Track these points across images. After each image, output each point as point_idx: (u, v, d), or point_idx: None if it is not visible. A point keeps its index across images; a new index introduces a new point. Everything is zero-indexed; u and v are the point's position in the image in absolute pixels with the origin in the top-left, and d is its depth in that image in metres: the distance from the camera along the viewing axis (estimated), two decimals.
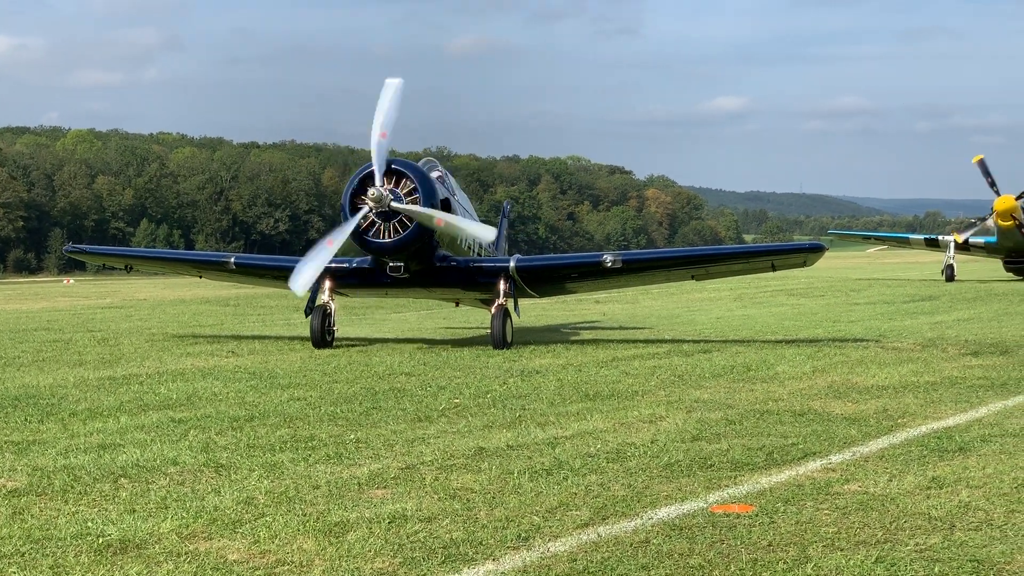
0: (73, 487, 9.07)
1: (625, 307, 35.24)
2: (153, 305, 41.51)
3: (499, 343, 20.99)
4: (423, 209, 20.13)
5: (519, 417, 12.56)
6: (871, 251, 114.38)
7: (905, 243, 60.22)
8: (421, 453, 10.45)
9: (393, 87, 20.49)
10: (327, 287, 21.89)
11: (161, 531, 7.72)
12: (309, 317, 21.91)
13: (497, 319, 21.26)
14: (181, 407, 13.60)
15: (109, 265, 30.17)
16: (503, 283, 21.90)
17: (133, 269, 28.51)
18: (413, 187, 20.44)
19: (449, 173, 23.43)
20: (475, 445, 10.82)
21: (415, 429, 11.84)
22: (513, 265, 22.28)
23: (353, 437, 11.32)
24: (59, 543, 7.46)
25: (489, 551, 7.28)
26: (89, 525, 7.86)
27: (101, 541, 7.48)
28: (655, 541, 7.46)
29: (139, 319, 32.85)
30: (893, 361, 17.87)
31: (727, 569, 6.89)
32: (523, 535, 7.61)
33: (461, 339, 24.20)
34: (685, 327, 26.37)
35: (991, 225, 50.76)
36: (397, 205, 20.06)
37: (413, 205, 20.14)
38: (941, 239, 54.37)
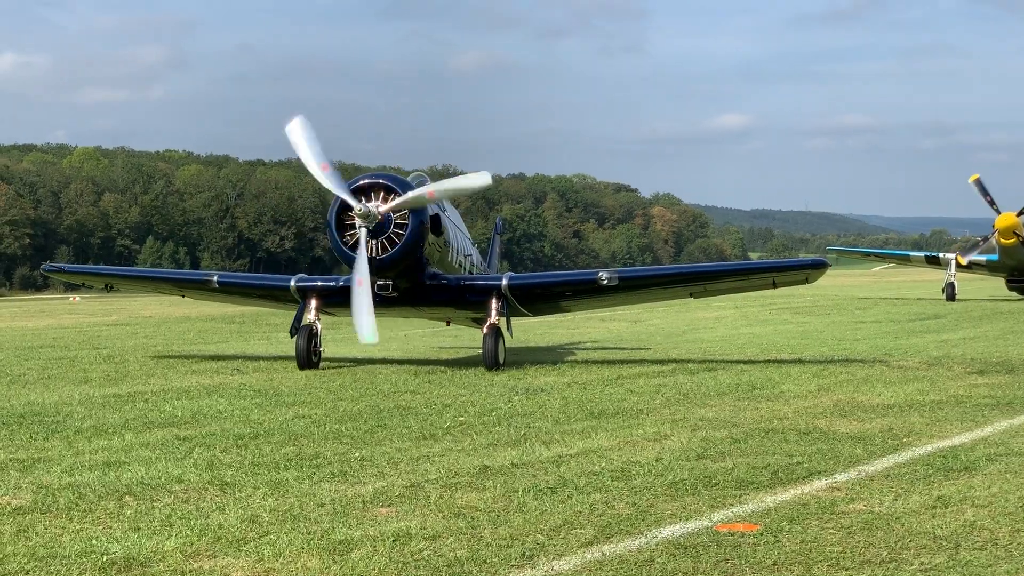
0: (78, 505, 9.08)
1: (629, 325, 35.21)
2: (158, 322, 41.54)
3: (491, 364, 20.34)
4: (411, 194, 19.49)
5: (524, 435, 12.55)
6: (877, 269, 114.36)
7: (906, 261, 59.99)
8: (426, 471, 10.45)
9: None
10: (313, 306, 21.30)
11: (165, 549, 7.72)
12: (294, 338, 21.03)
13: (489, 339, 20.58)
14: (186, 425, 13.61)
15: (88, 284, 29.21)
16: (495, 302, 21.31)
17: (114, 288, 27.37)
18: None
19: None
20: (480, 463, 10.81)
21: (420, 447, 11.84)
22: (505, 283, 21.68)
23: (358, 455, 11.32)
24: (64, 561, 7.46)
25: (493, 570, 7.28)
26: (94, 543, 7.86)
27: (105, 559, 7.48)
28: (659, 560, 7.45)
29: (144, 336, 32.87)
30: (899, 380, 17.85)
31: None
32: (527, 553, 7.60)
33: (463, 358, 24.16)
34: (690, 345, 26.34)
35: (995, 244, 50.58)
36: (385, 207, 19.43)
37: (399, 198, 19.46)
38: (942, 257, 54.07)
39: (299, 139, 19.80)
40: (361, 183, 19.90)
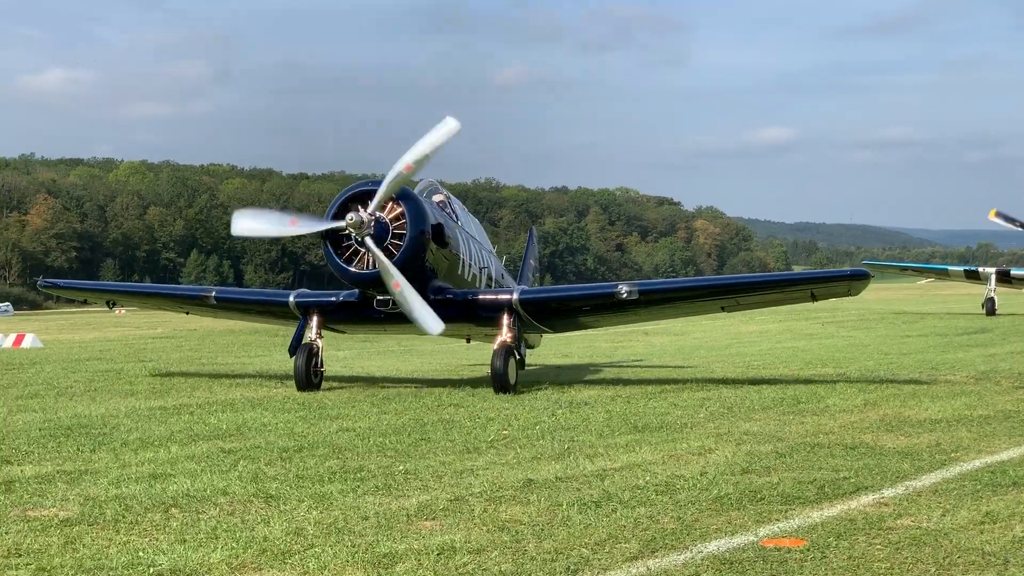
0: (124, 517, 9.12)
1: (673, 339, 35.11)
2: (203, 335, 41.79)
3: (499, 386, 18.77)
4: (389, 176, 18.02)
5: (568, 449, 12.52)
6: (922, 283, 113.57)
7: (944, 275, 59.46)
8: (470, 484, 10.44)
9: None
10: (315, 323, 20.23)
11: (211, 561, 7.74)
12: (293, 357, 19.90)
13: (499, 358, 18.98)
14: (231, 437, 13.67)
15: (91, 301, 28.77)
16: (506, 317, 19.77)
17: (115, 304, 26.60)
18: (400, 211, 18.61)
19: (455, 198, 21.81)
20: (524, 477, 10.79)
21: (464, 460, 11.83)
22: (516, 298, 20.10)
23: (402, 468, 11.32)
24: (111, 573, 7.50)
25: None
26: (140, 555, 7.90)
27: (152, 571, 7.52)
28: (705, 575, 7.41)
29: (189, 349, 33.09)
30: (946, 394, 17.69)
31: None
32: (572, 568, 7.57)
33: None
34: (734, 359, 26.22)
35: None
36: (371, 207, 18.15)
37: (379, 190, 18.12)
38: (981, 271, 53.63)
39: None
40: (343, 198, 18.71)
